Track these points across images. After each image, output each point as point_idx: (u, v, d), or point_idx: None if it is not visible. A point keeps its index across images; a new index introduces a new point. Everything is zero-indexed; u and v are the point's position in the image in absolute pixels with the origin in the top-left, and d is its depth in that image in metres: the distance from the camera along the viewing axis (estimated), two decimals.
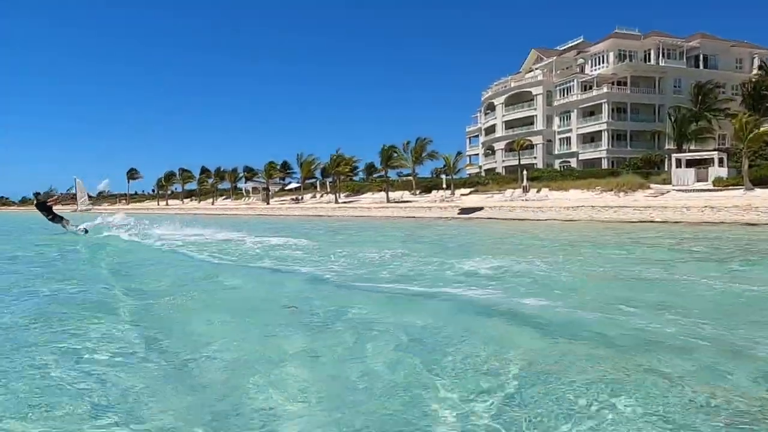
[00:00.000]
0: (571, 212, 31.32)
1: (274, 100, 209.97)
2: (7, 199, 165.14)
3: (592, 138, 57.34)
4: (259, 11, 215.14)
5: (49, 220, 21.28)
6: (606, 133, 55.29)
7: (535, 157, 60.55)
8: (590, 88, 57.48)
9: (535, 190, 43.14)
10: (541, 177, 48.37)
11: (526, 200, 40.15)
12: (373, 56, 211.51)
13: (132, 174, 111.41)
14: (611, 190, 38.03)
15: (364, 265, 10.79)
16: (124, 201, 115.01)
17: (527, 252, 14.08)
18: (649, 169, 45.11)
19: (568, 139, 59.45)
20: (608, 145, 55.18)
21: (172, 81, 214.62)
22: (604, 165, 53.62)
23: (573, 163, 57.79)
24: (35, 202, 22.63)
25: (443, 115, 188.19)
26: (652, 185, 37.76)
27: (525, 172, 46.85)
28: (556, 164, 59.20)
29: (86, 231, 20.14)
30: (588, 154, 57.38)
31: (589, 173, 46.90)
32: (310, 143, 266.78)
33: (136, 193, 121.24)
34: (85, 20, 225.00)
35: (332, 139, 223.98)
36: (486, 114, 70.24)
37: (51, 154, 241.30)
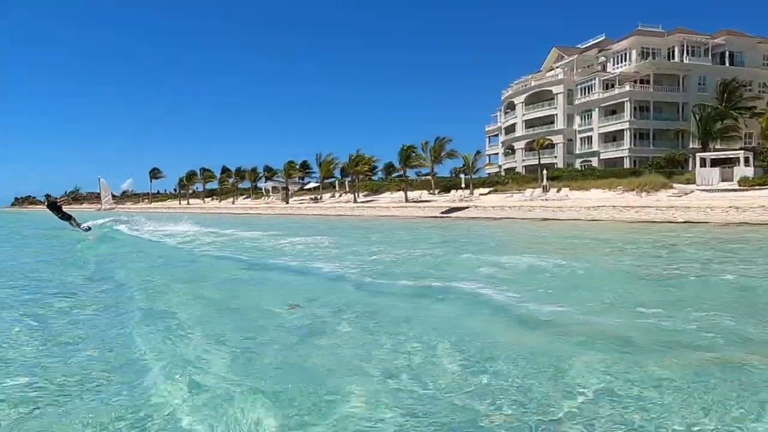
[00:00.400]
0: (591, 212, 30.95)
1: (294, 100, 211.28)
2: (34, 198, 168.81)
3: (613, 137, 56.55)
4: (280, 11, 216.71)
5: (59, 218, 23.24)
6: (628, 132, 54.47)
7: (555, 157, 59.95)
8: (612, 86, 56.68)
9: (555, 189, 42.70)
10: (561, 176, 47.85)
11: (546, 200, 39.77)
12: (392, 56, 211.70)
13: (155, 173, 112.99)
14: (633, 189, 37.45)
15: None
16: (146, 200, 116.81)
17: (555, 250, 13.95)
18: (673, 169, 44.29)
19: (590, 138, 58.72)
20: (630, 144, 54.35)
21: (195, 81, 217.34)
22: (626, 164, 52.85)
23: (594, 162, 57.08)
24: (46, 203, 25.05)
25: (463, 115, 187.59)
26: (675, 185, 37.08)
27: (545, 172, 46.40)
28: (577, 164, 58.53)
29: (89, 229, 22.33)
30: (609, 153, 56.61)
31: (610, 173, 46.22)
32: (330, 143, 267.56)
33: (158, 192, 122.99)
34: (111, 21, 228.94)
35: (352, 138, 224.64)
36: (506, 113, 69.73)
37: (76, 155, 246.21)
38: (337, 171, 72.22)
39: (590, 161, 57.66)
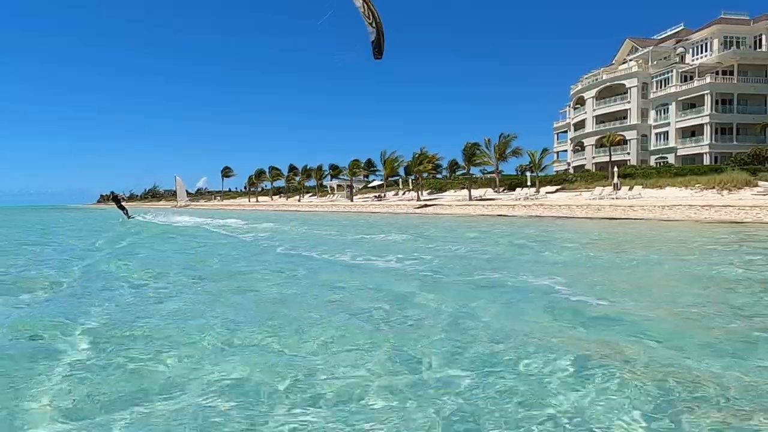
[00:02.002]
0: (666, 211, 29.37)
1: (359, 98, 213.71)
2: (118, 194, 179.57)
3: (692, 132, 53.53)
4: (338, 9, 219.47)
5: (118, 208, 38.57)
6: (708, 126, 51.39)
7: (628, 153, 57.48)
8: (691, 78, 53.66)
9: (627, 187, 40.87)
10: (634, 174, 45.77)
11: (617, 198, 38.18)
12: (456, 50, 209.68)
13: (226, 172, 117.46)
14: (713, 187, 35.26)
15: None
16: (218, 198, 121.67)
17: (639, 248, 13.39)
18: (758, 165, 41.32)
19: (666, 133, 55.86)
20: (710, 140, 51.27)
21: (267, 80, 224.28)
22: (706, 161, 49.92)
23: (670, 159, 54.27)
24: (111, 197, 42.32)
25: (529, 111, 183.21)
26: (760, 183, 34.60)
27: (616, 169, 44.50)
28: (652, 161, 55.85)
29: (132, 217, 35.92)
30: (687, 149, 53.64)
31: (688, 170, 43.69)
32: (395, 141, 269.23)
33: (229, 190, 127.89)
34: (186, 21, 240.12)
35: (416, 136, 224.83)
36: (575, 108, 67.51)
37: (154, 154, 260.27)
38: (401, 169, 72.37)
39: (666, 158, 54.86)
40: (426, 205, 50.34)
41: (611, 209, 32.59)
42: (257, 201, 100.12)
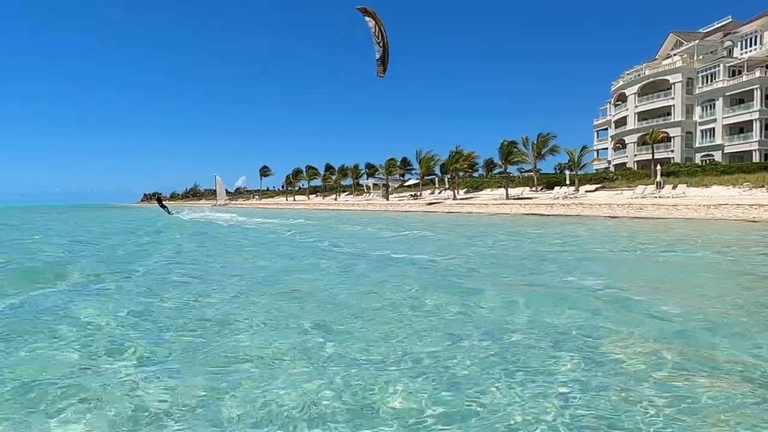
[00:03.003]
0: (712, 210, 28.39)
1: (396, 96, 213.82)
2: (160, 194, 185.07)
3: (740, 129, 51.48)
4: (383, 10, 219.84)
5: (161, 206, 47.51)
6: (758, 122, 49.31)
7: (671, 151, 55.73)
8: (739, 72, 51.60)
9: (671, 186, 39.69)
10: (678, 172, 44.34)
11: (659, 197, 37.09)
12: (493, 47, 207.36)
13: (264, 171, 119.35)
14: (762, 186, 33.86)
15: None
16: (257, 197, 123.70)
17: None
18: None
19: (712, 130, 53.90)
20: (760, 136, 49.19)
21: (305, 81, 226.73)
22: (755, 158, 47.92)
23: (717, 156, 52.32)
24: (158, 199, 51.55)
25: (568, 108, 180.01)
26: None
27: (659, 167, 43.23)
28: (697, 158, 53.98)
29: (172, 213, 42.05)
30: (735, 146, 51.62)
31: (736, 168, 42.02)
32: (431, 140, 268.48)
33: (267, 189, 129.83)
34: (223, 20, 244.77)
35: (452, 135, 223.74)
36: (616, 105, 65.82)
37: (194, 154, 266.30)
38: (437, 168, 72.11)
39: (712, 155, 52.93)
40: (431, 203, 49.99)
41: (654, 208, 31.69)
42: (294, 200, 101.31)
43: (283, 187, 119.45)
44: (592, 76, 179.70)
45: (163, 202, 49.31)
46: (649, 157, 51.83)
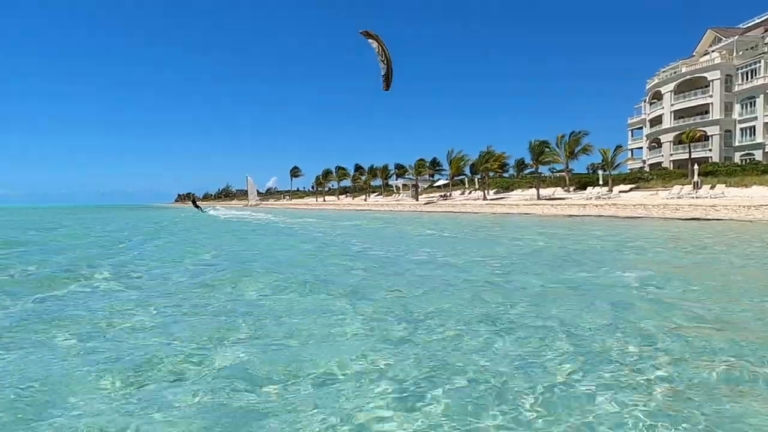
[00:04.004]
0: (753, 212, 27.56)
1: (425, 96, 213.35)
2: (194, 194, 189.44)
3: None
4: (416, 10, 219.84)
5: (194, 206, 59.01)
6: None
7: (709, 150, 54.26)
8: None
9: (708, 186, 38.65)
10: (716, 172, 43.15)
11: (697, 197, 36.16)
12: (524, 44, 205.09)
13: (294, 172, 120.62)
14: None
15: None
16: (287, 197, 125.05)
17: None
18: None
19: (752, 128, 52.26)
20: None
21: (334, 82, 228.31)
22: None
23: (758, 156, 50.69)
24: (193, 199, 71.30)
25: (601, 107, 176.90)
26: None
27: (696, 167, 42.15)
28: (736, 157, 52.43)
29: (204, 211, 45.32)
30: None
31: None
32: (460, 140, 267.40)
33: (297, 190, 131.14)
34: (255, 22, 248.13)
35: (482, 135, 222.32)
36: (651, 104, 64.43)
37: (227, 154, 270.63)
38: (467, 168, 71.77)
39: (753, 155, 51.32)
40: (444, 203, 49.60)
41: (691, 209, 30.92)
42: (324, 200, 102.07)
43: (312, 187, 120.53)
44: (627, 75, 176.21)
45: (197, 203, 72.06)
46: (686, 156, 50.57)
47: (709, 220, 27.12)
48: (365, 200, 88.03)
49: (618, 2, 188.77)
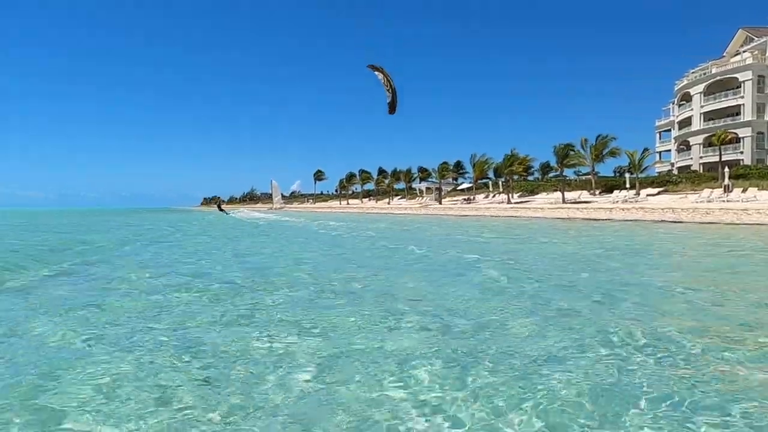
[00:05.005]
0: None
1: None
2: (220, 198, 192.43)
3: None
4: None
5: (220, 211, 70.71)
6: None
7: (741, 153, 53.02)
8: None
9: (740, 189, 37.74)
10: (748, 175, 42.13)
11: (728, 201, 35.34)
12: (547, 43, 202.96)
13: (318, 175, 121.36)
14: None
15: None
16: (311, 200, 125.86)
17: None
18: None
19: None
20: None
21: (356, 83, 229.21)
22: None
23: None
24: (218, 203, 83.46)
25: (628, 109, 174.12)
26: None
27: (727, 170, 41.22)
28: None
29: (227, 213, 46.86)
30: None
31: None
32: (483, 143, 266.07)
33: (321, 193, 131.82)
34: (290, 24, 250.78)
35: (505, 137, 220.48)
36: (680, 105, 63.23)
37: (251, 158, 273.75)
38: (491, 171, 71.33)
39: None
40: (487, 206, 49.19)
41: (721, 213, 30.22)
42: (348, 203, 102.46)
43: (336, 191, 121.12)
44: (654, 76, 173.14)
45: (222, 207, 78.20)
46: (716, 159, 49.51)
47: (741, 224, 26.49)
48: (388, 203, 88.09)
49: (644, 2, 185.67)
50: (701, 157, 57.00)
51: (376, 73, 28.23)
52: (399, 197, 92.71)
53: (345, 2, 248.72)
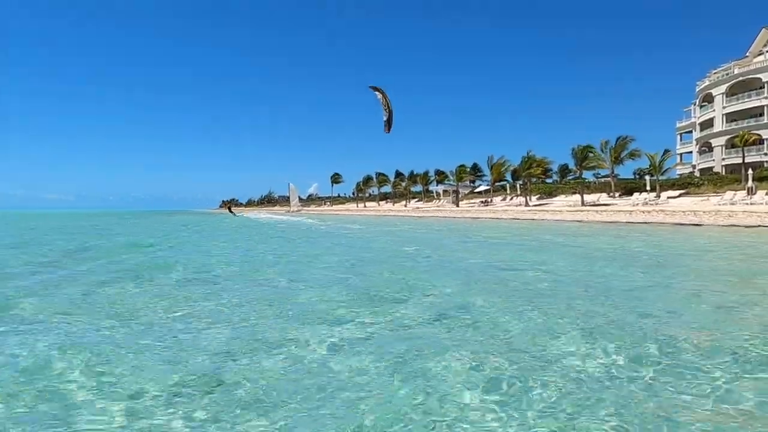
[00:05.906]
0: None
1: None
2: (237, 200, 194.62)
3: None
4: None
5: (230, 213, 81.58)
6: None
7: (764, 154, 51.99)
8: None
9: (764, 192, 37.08)
10: None
11: (751, 203, 34.74)
12: (566, 43, 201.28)
13: (335, 178, 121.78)
14: None
15: None
16: (328, 203, 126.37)
17: None
18: None
19: None
20: None
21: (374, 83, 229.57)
22: None
23: None
24: (228, 206, 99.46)
25: (648, 110, 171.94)
26: None
27: (750, 172, 40.53)
28: None
29: (237, 215, 55.69)
30: None
31: None
32: (501, 145, 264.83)
33: (338, 196, 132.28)
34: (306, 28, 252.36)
35: (523, 139, 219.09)
36: (701, 107, 62.28)
37: (270, 160, 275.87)
38: (509, 174, 70.99)
39: None
40: (505, 209, 48.87)
41: (745, 216, 29.72)
42: (365, 206, 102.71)
43: (353, 193, 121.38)
44: (675, 77, 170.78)
45: (231, 209, 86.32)
46: (739, 160, 48.68)
47: (764, 227, 26.03)
48: (405, 206, 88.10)
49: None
50: (723, 159, 56.08)
51: (377, 93, 31.58)
52: (416, 200, 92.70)
53: None
